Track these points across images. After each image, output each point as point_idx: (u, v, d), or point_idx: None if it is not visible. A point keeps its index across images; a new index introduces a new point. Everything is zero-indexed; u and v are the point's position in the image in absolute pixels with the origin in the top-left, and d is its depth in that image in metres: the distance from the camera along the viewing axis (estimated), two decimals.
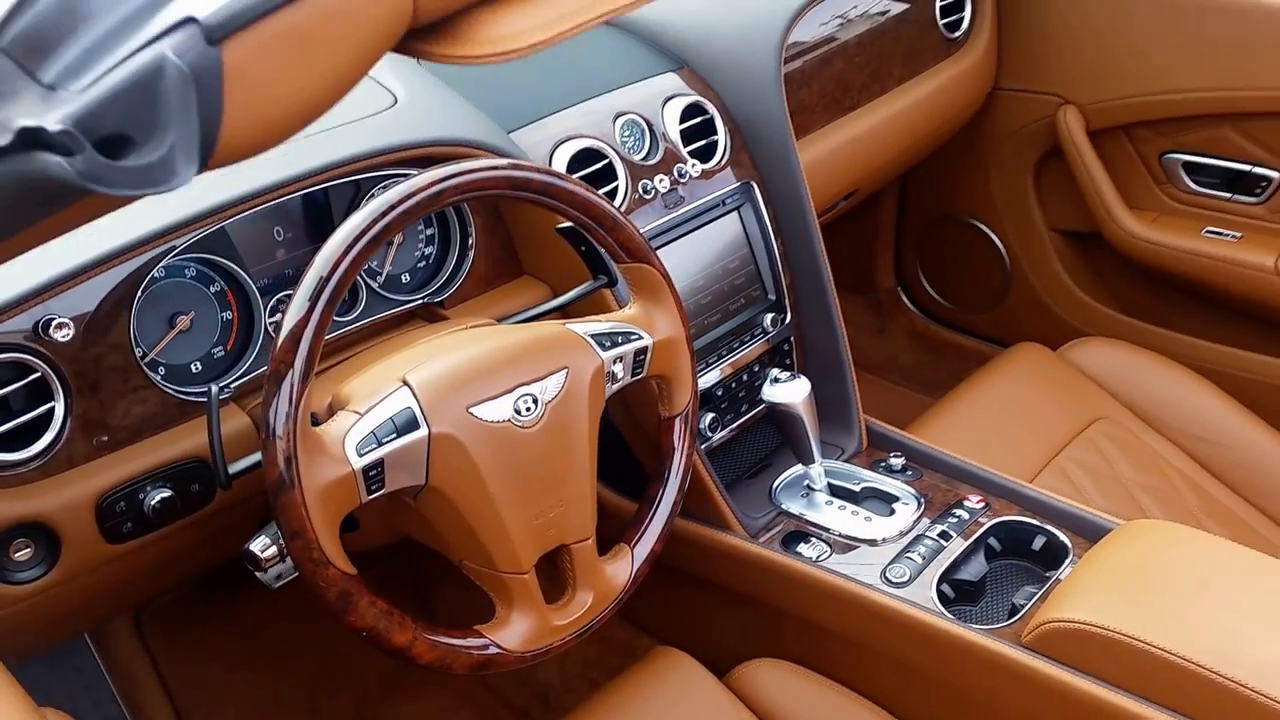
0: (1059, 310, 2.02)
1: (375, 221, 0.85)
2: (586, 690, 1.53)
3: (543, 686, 1.61)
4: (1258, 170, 1.74)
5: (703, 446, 1.37)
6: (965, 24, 1.85)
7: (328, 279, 0.83)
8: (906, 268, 2.27)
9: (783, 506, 1.37)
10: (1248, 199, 1.77)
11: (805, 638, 1.29)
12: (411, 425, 0.88)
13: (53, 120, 0.33)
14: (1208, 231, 1.79)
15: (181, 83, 0.32)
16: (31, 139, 0.33)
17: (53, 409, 0.95)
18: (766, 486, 1.41)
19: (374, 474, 0.86)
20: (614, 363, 1.00)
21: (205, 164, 0.34)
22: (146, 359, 1.01)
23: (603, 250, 1.06)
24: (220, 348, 1.07)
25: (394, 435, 0.87)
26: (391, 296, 1.18)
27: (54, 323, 0.92)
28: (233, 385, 1.05)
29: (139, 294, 0.98)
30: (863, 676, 1.24)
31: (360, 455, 0.85)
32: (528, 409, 0.93)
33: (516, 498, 0.93)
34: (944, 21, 1.81)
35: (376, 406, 0.88)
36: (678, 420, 1.09)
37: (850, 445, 1.46)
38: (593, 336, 1.00)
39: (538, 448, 0.94)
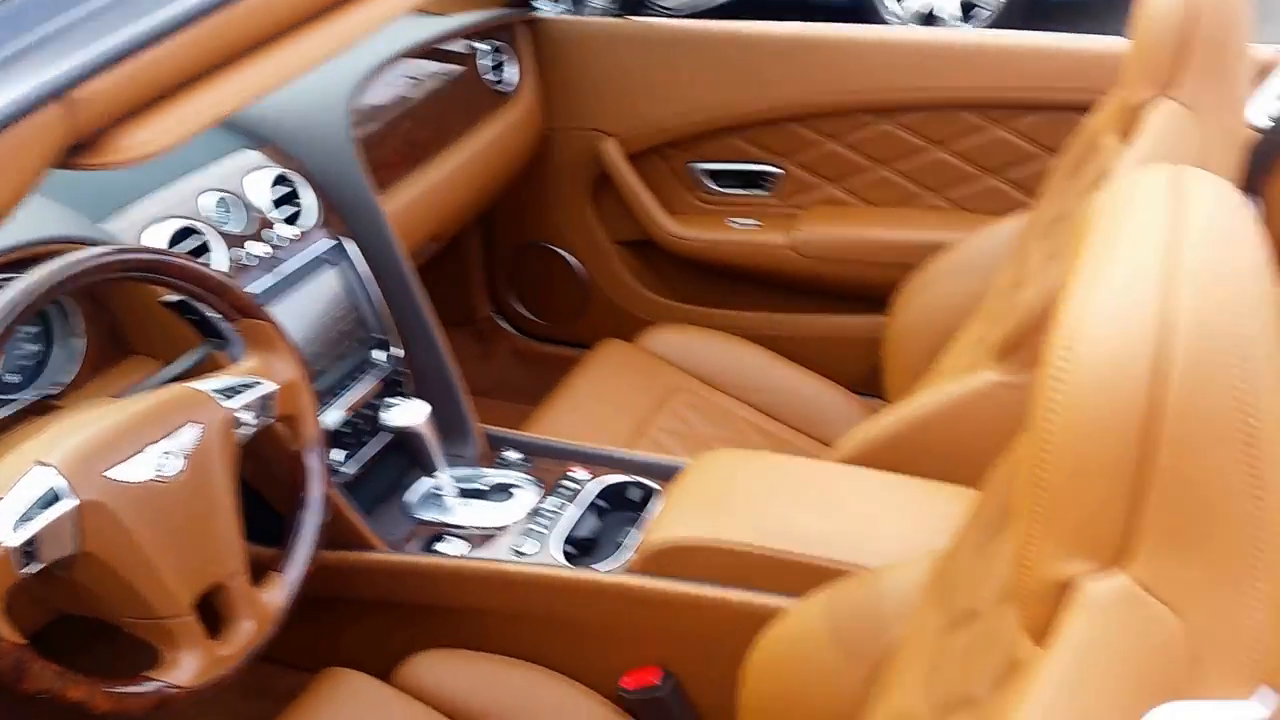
0: (631, 309, 2.36)
1: None
2: None
3: None
4: (763, 168, 2.18)
5: (340, 481, 1.51)
6: (511, 79, 2.13)
7: None
8: (500, 295, 2.52)
9: (418, 516, 1.54)
10: (760, 192, 2.20)
11: (461, 624, 1.47)
12: (56, 498, 0.96)
13: None
14: (732, 222, 2.20)
15: None
16: None
17: None
18: (398, 503, 1.58)
19: (28, 550, 0.94)
20: (241, 411, 1.13)
21: None
22: None
23: (213, 314, 1.18)
24: None
25: (41, 511, 0.95)
26: (2, 397, 1.22)
27: None
28: None
29: None
30: (515, 642, 1.45)
31: (14, 532, 0.93)
32: (165, 464, 1.04)
33: (167, 547, 1.04)
34: (491, 79, 2.08)
35: (14, 488, 0.95)
36: (310, 452, 1.23)
37: (469, 451, 1.66)
38: (216, 390, 1.12)
39: (180, 498, 1.05)
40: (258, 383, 1.17)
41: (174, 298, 1.17)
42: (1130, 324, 0.55)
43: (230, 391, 1.14)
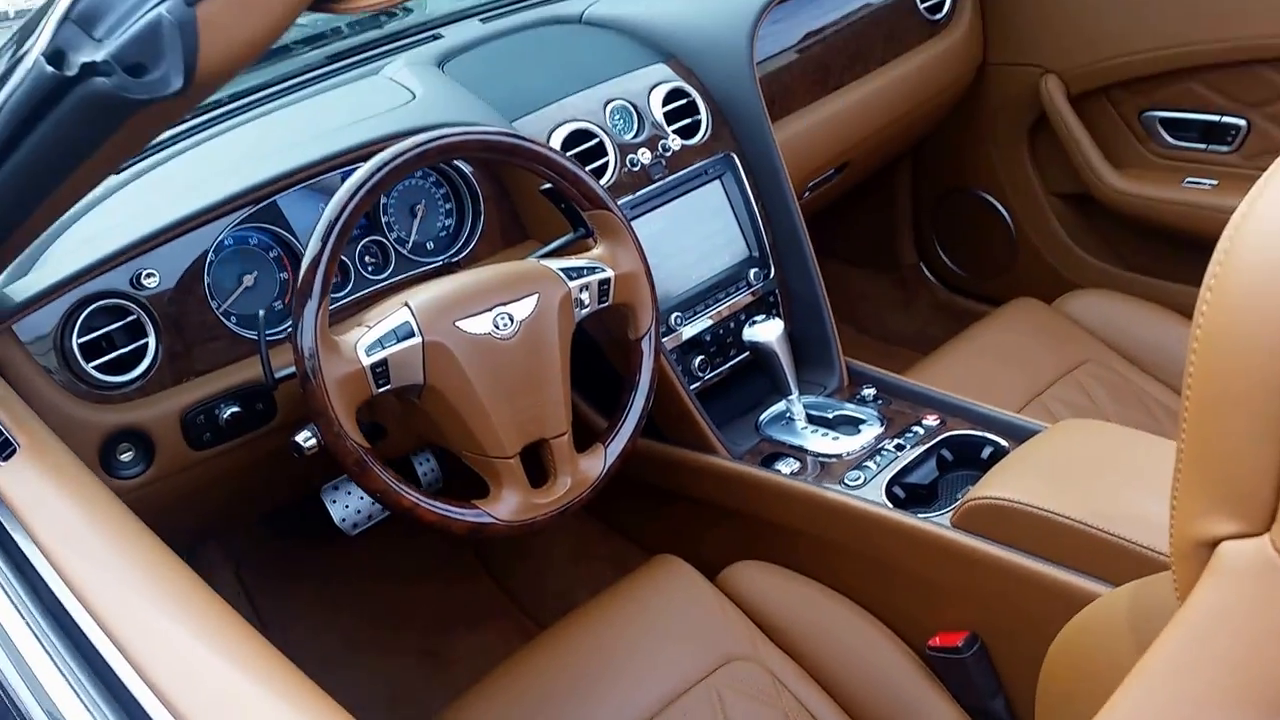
0: (1060, 268, 2.16)
1: (371, 176, 1.10)
2: None
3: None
4: (1226, 120, 1.87)
5: (694, 386, 1.58)
6: (946, 7, 2.02)
7: (335, 221, 1.09)
8: (924, 242, 2.43)
9: (766, 434, 1.56)
10: (1221, 148, 1.89)
11: (780, 540, 1.48)
12: (409, 334, 1.12)
13: (100, 56, 0.57)
14: (1188, 182, 1.92)
15: (171, 30, 0.56)
16: (89, 70, 0.58)
17: (147, 344, 1.22)
18: (755, 420, 1.61)
19: (380, 371, 1.11)
20: (580, 291, 1.23)
21: (190, 80, 0.57)
22: (221, 309, 1.27)
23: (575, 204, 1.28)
24: (279, 301, 1.33)
25: (395, 341, 1.11)
26: (416, 259, 1.43)
27: (144, 273, 1.20)
28: (286, 329, 1.31)
29: (211, 257, 1.25)
30: (829, 569, 1.42)
31: (368, 355, 1.10)
32: (504, 324, 1.16)
33: (498, 395, 1.16)
34: (924, 6, 1.99)
35: (382, 321, 1.12)
36: (643, 340, 1.30)
37: (832, 383, 1.65)
38: (562, 269, 1.22)
39: (514, 356, 1.17)
40: (600, 268, 1.25)
41: (547, 186, 1.29)
42: None
43: (574, 272, 1.23)
